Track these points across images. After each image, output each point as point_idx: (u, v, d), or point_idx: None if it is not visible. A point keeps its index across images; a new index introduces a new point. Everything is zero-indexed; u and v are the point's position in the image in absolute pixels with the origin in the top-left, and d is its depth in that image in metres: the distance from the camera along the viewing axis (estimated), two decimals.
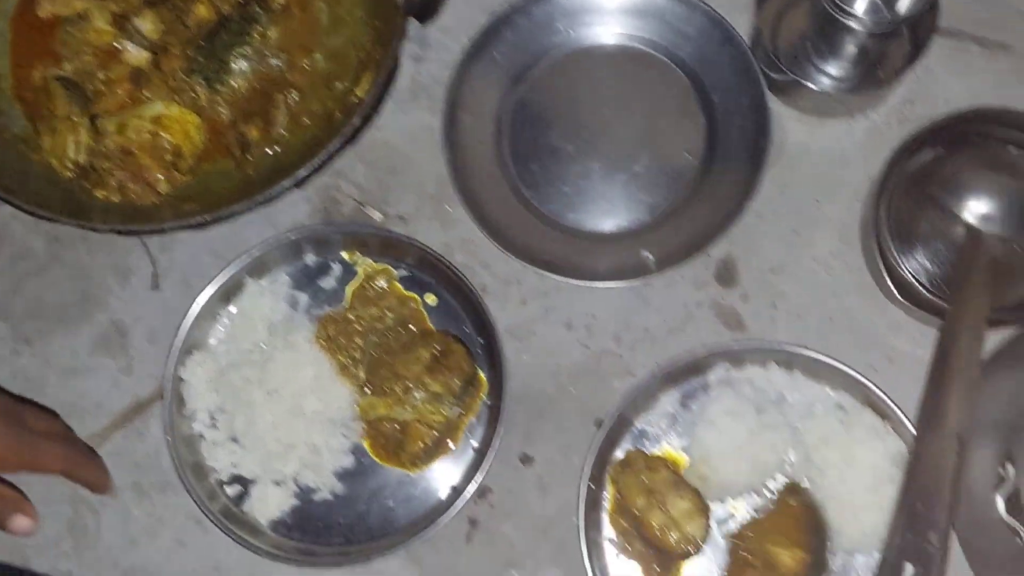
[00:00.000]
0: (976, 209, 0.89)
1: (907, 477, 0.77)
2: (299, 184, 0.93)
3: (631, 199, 1.04)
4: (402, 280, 1.03)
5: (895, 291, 0.94)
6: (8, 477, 0.90)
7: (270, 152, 1.01)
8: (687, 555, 0.90)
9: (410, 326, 1.01)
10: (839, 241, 1.02)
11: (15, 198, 0.93)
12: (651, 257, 1.01)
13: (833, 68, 1.02)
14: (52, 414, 0.99)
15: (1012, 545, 0.71)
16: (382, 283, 1.03)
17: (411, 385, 0.96)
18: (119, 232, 0.95)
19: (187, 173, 1.02)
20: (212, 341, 1.01)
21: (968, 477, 0.79)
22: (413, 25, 1.04)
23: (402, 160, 1.07)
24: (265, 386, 0.96)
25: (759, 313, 1.00)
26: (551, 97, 1.07)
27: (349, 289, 1.03)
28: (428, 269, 1.02)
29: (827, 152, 1.04)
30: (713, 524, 0.92)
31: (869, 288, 1.00)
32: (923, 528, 0.73)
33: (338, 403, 0.97)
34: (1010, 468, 0.71)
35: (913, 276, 0.90)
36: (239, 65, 1.02)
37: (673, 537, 0.88)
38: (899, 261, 0.91)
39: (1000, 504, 0.72)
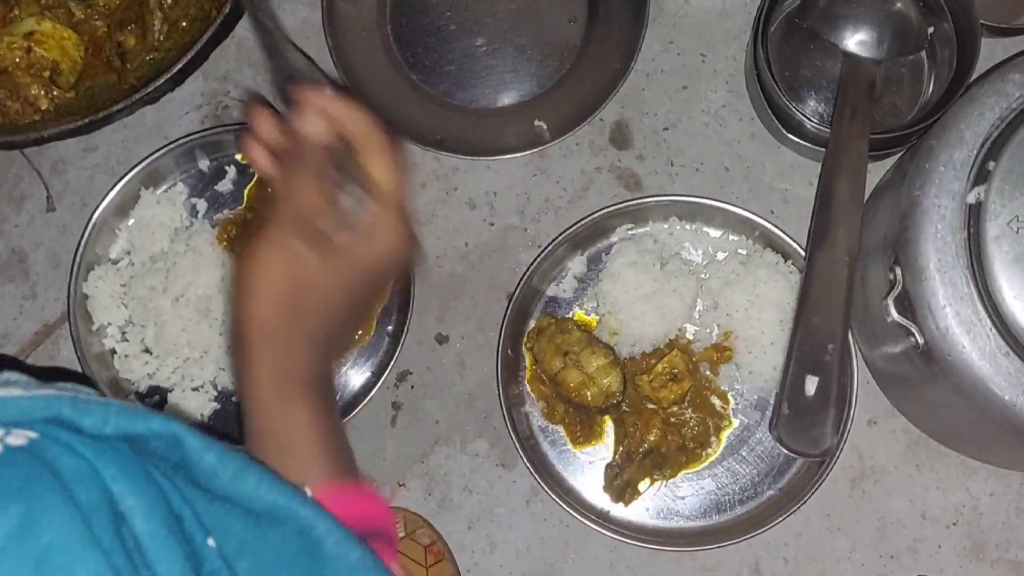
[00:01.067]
0: (853, 37, 0.90)
1: (801, 293, 0.79)
2: (179, 83, 0.91)
3: (519, 72, 1.04)
4: None
5: (783, 130, 0.95)
6: None
7: (150, 59, 0.99)
8: (607, 410, 0.92)
9: None
10: (727, 91, 1.03)
11: None
12: (544, 127, 1.01)
13: None
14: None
15: (907, 344, 0.74)
16: None
17: None
18: (2, 147, 0.93)
19: (69, 90, 1.00)
20: (113, 255, 1.00)
21: (864, 293, 0.82)
22: None
23: None
24: (171, 293, 0.95)
25: (657, 171, 1.02)
26: None
27: (247, 191, 1.02)
28: None
29: (707, 5, 1.05)
30: None
31: (761, 134, 1.01)
32: (821, 340, 0.75)
33: None
34: (898, 270, 0.73)
35: (800, 112, 0.92)
36: None
37: (591, 392, 0.90)
38: (785, 98, 0.92)
39: (892, 308, 0.74)
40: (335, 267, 0.63)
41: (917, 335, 0.73)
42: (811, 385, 0.75)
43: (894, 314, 0.74)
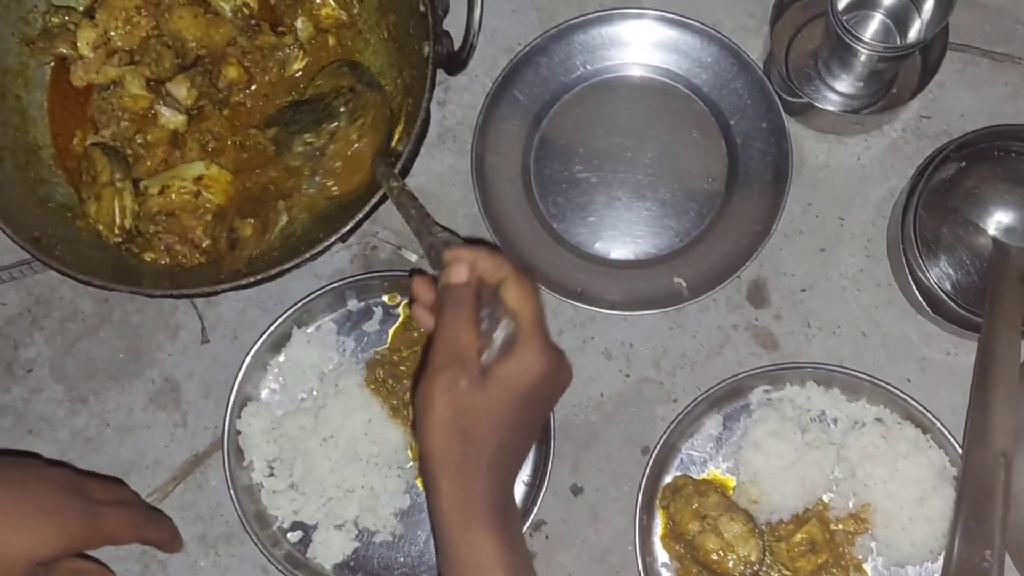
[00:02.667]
0: (999, 221, 0.92)
1: (959, 496, 0.80)
2: (344, 239, 0.96)
3: (658, 226, 1.07)
4: None
5: (925, 305, 0.97)
6: None
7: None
8: None
9: None
10: (865, 256, 1.05)
11: (66, 267, 0.96)
12: (684, 284, 1.04)
13: (847, 89, 1.05)
14: (116, 481, 1.01)
15: None
16: None
17: None
18: (173, 296, 0.98)
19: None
20: (265, 392, 1.04)
21: (1014, 487, 0.82)
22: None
23: (434, 203, 1.10)
24: (320, 433, 0.99)
25: (793, 332, 1.04)
26: (573, 131, 1.10)
27: (392, 331, 1.06)
28: None
29: (847, 169, 1.07)
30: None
31: (898, 301, 1.03)
32: (978, 545, 0.76)
33: (392, 445, 1.00)
34: None
35: (942, 290, 0.93)
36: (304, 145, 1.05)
37: (731, 560, 0.91)
38: (928, 275, 0.93)
39: None
40: (496, 392, 0.70)
41: None
42: None
43: None
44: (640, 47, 1.10)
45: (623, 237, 1.07)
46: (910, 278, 0.97)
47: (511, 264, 0.75)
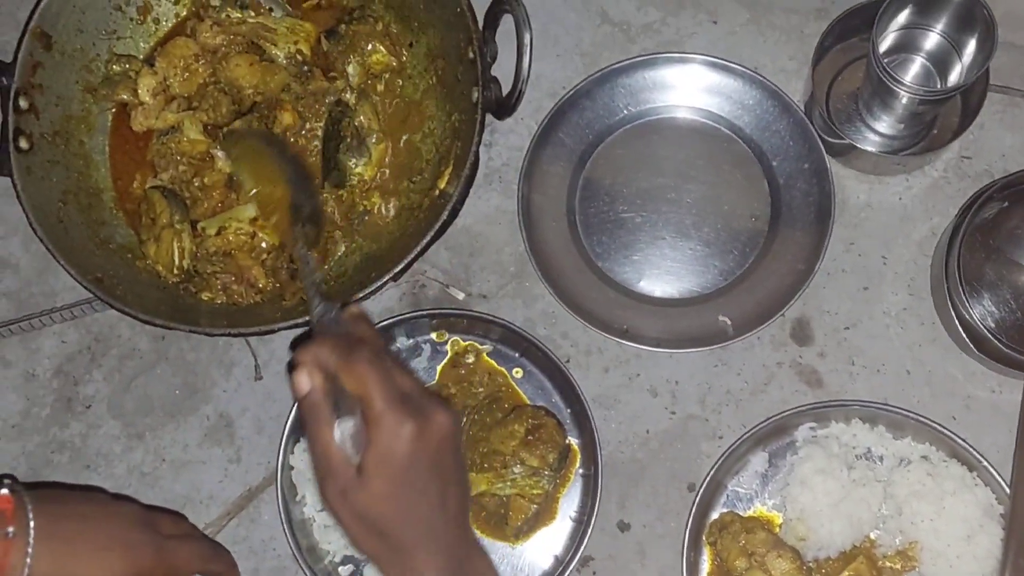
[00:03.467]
0: None
1: (1007, 534, 0.80)
2: (395, 278, 0.98)
3: (702, 265, 1.09)
4: (489, 355, 1.08)
5: (969, 343, 0.97)
6: None
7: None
8: None
9: (502, 401, 1.05)
10: (908, 294, 1.06)
11: (127, 307, 0.99)
12: (728, 322, 1.05)
13: (888, 130, 1.07)
14: (179, 516, 1.04)
15: None
16: (471, 358, 1.08)
17: (509, 460, 1.00)
18: (231, 335, 1.01)
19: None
20: None
21: None
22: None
23: (481, 242, 1.12)
24: None
25: (837, 369, 1.05)
26: (617, 172, 1.12)
27: (440, 368, 1.08)
28: (513, 344, 1.07)
29: (889, 208, 1.09)
30: None
31: (942, 339, 1.04)
32: None
33: None
34: None
35: (985, 328, 0.94)
36: (356, 167, 1.08)
37: None
38: (971, 314, 0.94)
39: None
40: (377, 485, 0.72)
41: None
42: None
43: None
44: (683, 90, 1.12)
45: (667, 275, 1.09)
46: (954, 316, 0.98)
47: (341, 346, 0.74)
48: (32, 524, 0.79)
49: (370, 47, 1.11)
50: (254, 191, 0.96)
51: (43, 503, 0.81)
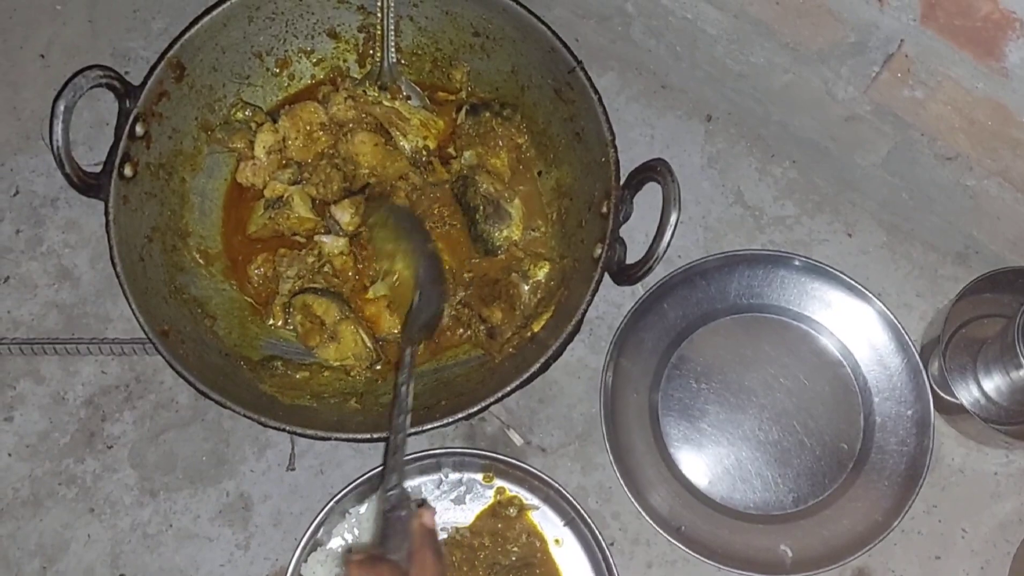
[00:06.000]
0: None
1: None
2: (469, 417, 0.92)
3: (775, 482, 1.03)
4: (533, 514, 1.02)
5: None
6: None
7: (520, 328, 1.01)
8: None
9: (534, 568, 0.99)
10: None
11: (187, 371, 0.91)
12: (789, 554, 0.99)
13: (1002, 400, 1.01)
14: None
15: None
16: (513, 511, 1.02)
17: None
18: (286, 431, 0.94)
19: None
20: (336, 540, 1.00)
21: None
22: None
23: (555, 391, 1.07)
24: None
25: None
26: (712, 359, 1.07)
27: (478, 512, 1.02)
28: (560, 510, 1.01)
29: (982, 481, 1.03)
30: None
31: None
32: None
33: None
34: None
35: None
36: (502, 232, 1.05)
37: None
38: None
39: None
40: None
41: None
42: None
43: None
44: (800, 295, 1.07)
45: (738, 483, 1.03)
46: None
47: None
48: None
49: (499, 147, 1.06)
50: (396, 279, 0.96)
51: None
